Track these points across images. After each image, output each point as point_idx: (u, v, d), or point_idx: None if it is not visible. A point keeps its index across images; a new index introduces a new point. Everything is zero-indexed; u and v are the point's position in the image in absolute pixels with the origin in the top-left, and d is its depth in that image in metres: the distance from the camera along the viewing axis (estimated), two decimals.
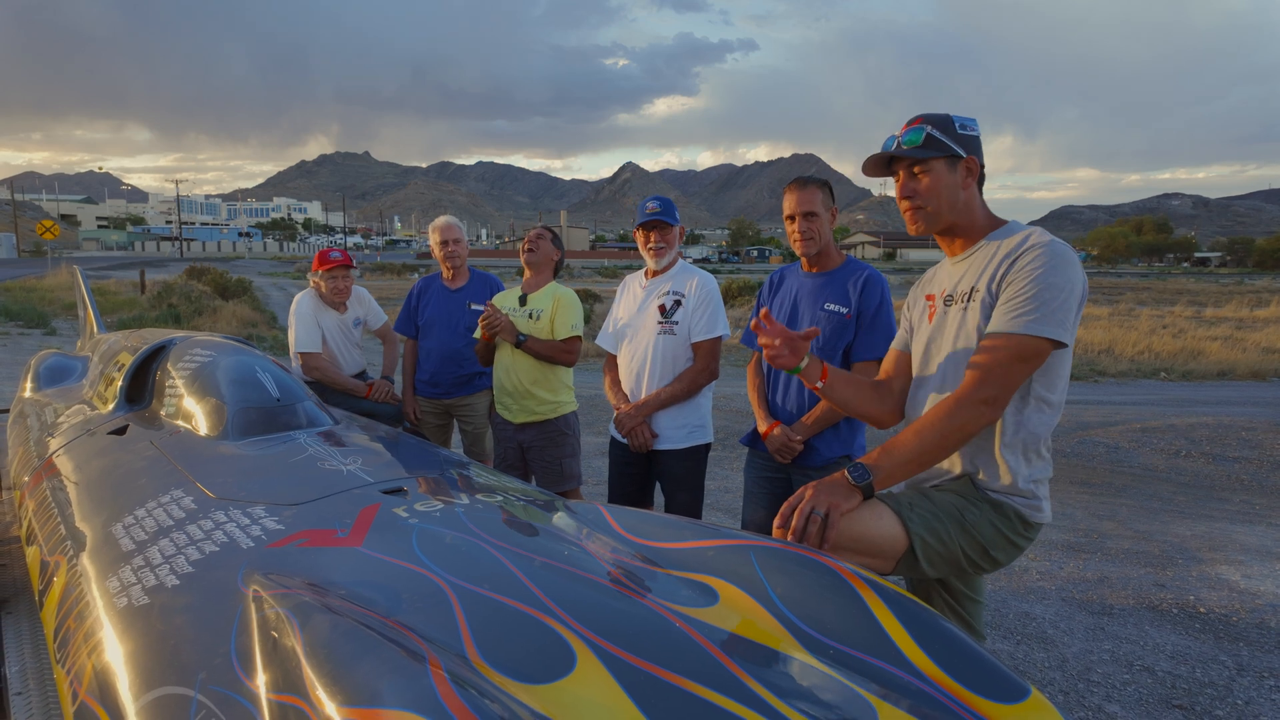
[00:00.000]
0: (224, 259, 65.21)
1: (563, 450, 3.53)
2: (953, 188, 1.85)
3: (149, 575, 1.72)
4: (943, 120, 1.84)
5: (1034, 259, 1.74)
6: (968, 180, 1.86)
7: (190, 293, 20.39)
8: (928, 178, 1.86)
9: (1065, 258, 1.74)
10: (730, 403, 8.74)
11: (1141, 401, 10.53)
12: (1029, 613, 3.72)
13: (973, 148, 1.86)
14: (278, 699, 1.21)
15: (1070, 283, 1.72)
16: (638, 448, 3.12)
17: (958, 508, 1.82)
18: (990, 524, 1.81)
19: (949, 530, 1.78)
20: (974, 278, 1.86)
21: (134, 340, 3.66)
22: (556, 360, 3.49)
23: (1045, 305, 1.69)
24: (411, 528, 1.77)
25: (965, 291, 1.88)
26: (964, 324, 1.87)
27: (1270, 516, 5.61)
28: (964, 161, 1.84)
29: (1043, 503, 1.86)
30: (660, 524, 1.85)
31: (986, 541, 1.81)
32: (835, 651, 1.36)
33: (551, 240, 3.66)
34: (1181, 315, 22.49)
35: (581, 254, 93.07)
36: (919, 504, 1.81)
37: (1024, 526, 1.84)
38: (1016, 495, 1.83)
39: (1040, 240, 1.77)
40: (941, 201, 1.86)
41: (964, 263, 1.92)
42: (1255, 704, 2.96)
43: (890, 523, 1.74)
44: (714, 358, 3.12)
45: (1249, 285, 42.29)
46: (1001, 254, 1.81)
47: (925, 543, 1.75)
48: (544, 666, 1.25)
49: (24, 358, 8.19)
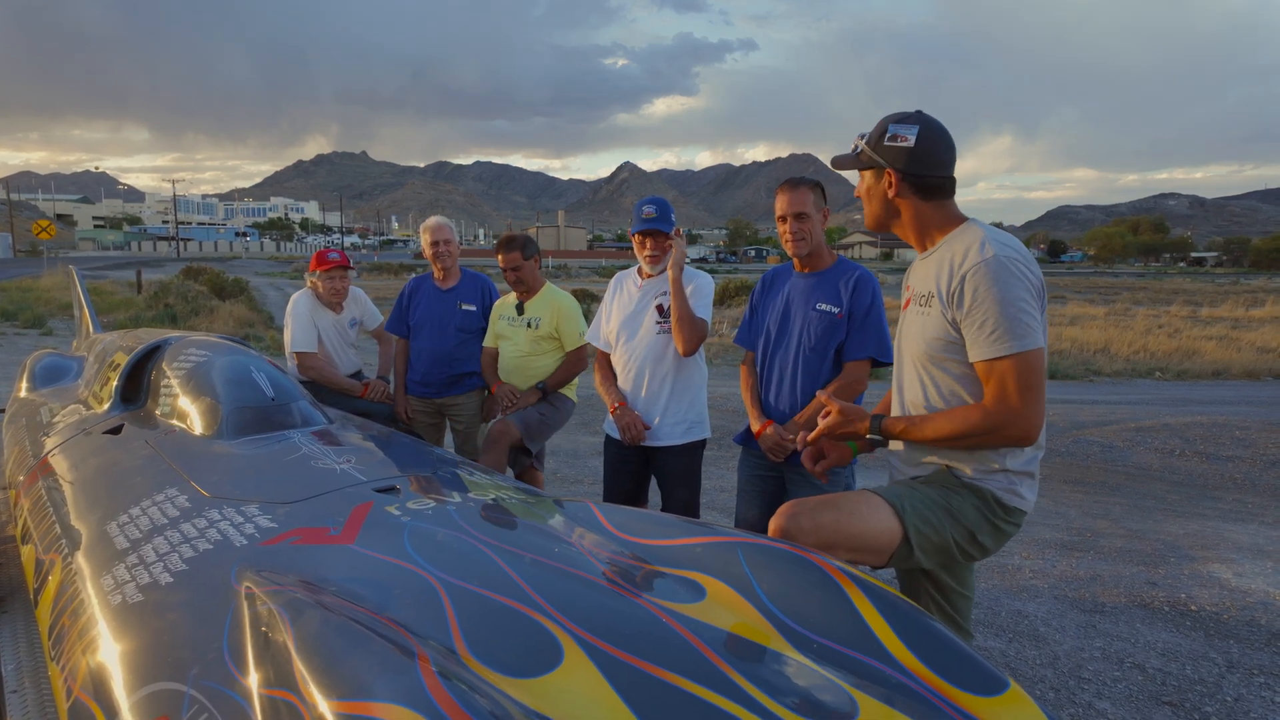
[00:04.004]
0: (221, 259, 65.15)
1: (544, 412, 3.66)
2: (879, 194, 1.95)
3: (143, 573, 1.73)
4: (878, 131, 1.92)
5: (981, 281, 1.78)
6: (892, 189, 1.92)
7: (187, 293, 20.38)
8: (861, 185, 2.00)
9: (1006, 267, 1.77)
10: (725, 402, 8.76)
11: (1136, 401, 10.57)
12: (1021, 610, 3.74)
13: (897, 157, 1.89)
14: (269, 694, 1.22)
15: (1020, 290, 1.76)
16: (630, 440, 3.14)
17: (943, 496, 1.89)
18: (974, 508, 1.88)
19: (940, 519, 1.85)
20: (932, 281, 1.92)
21: (129, 340, 3.67)
22: (575, 375, 3.74)
23: (1012, 322, 1.75)
24: (403, 525, 1.78)
25: (924, 294, 1.95)
26: (923, 328, 1.94)
27: (1262, 515, 5.64)
28: (885, 171, 1.92)
29: (1020, 488, 1.91)
30: (650, 521, 1.87)
31: (973, 526, 1.88)
32: (820, 646, 1.38)
33: (523, 250, 3.73)
34: (1177, 315, 22.56)
35: (579, 254, 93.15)
36: (910, 495, 1.87)
37: (1004, 511, 1.90)
38: (992, 478, 1.89)
39: (978, 259, 1.80)
40: (870, 205, 1.97)
41: (926, 262, 1.99)
42: (1245, 701, 2.98)
43: (886, 515, 1.81)
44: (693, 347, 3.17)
45: (1245, 285, 42.42)
46: (949, 263, 1.86)
47: (920, 532, 1.82)
48: (531, 661, 1.27)
49: (20, 358, 8.20)
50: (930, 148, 1.88)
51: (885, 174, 1.92)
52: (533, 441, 3.61)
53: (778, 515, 1.83)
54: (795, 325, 2.76)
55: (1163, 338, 16.72)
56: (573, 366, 3.75)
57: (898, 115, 1.92)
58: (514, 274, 3.74)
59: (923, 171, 1.89)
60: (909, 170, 1.88)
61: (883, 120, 1.93)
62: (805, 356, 2.71)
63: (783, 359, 2.78)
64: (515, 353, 3.75)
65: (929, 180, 1.90)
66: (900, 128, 1.88)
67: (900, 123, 1.89)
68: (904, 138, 1.88)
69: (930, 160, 1.89)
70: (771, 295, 2.90)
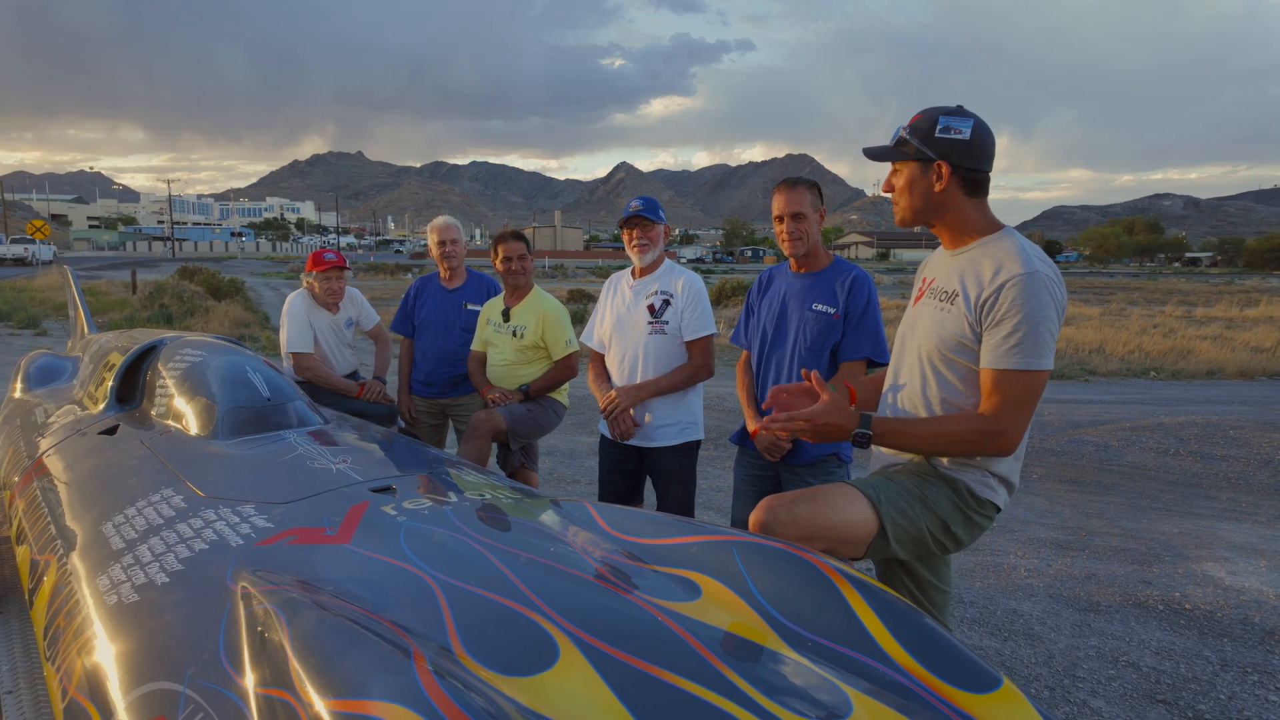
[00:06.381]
0: (216, 259, 64.95)
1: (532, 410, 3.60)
2: (923, 189, 1.89)
3: (139, 573, 1.73)
4: (926, 122, 1.86)
5: (1018, 294, 1.77)
6: (941, 183, 1.88)
7: (182, 293, 20.32)
8: (899, 178, 1.93)
9: (1045, 285, 1.78)
10: (721, 402, 8.77)
11: (1131, 400, 10.60)
12: (1016, 609, 3.75)
13: (951, 151, 1.86)
14: (265, 693, 1.23)
15: (1052, 310, 1.78)
16: (619, 435, 3.15)
17: (918, 486, 1.91)
18: (948, 499, 1.90)
19: (915, 509, 1.87)
20: (958, 281, 1.90)
21: (125, 340, 3.66)
22: (563, 382, 3.64)
23: (1037, 340, 1.76)
24: (399, 525, 1.79)
25: (948, 291, 1.92)
26: (941, 324, 1.92)
27: (1256, 514, 5.66)
28: (935, 164, 1.87)
29: (991, 479, 1.92)
30: (646, 521, 1.87)
31: (947, 517, 1.90)
32: (814, 644, 1.39)
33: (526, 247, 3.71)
34: (1172, 315, 22.63)
35: (575, 254, 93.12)
36: (885, 486, 1.89)
37: (976, 502, 1.91)
38: (966, 471, 1.91)
39: (1020, 270, 1.79)
40: (909, 201, 1.91)
41: (954, 259, 1.96)
42: (1238, 699, 3.00)
43: (863, 507, 1.83)
44: (709, 354, 3.16)
45: (1239, 285, 42.56)
46: (986, 270, 1.84)
47: (895, 523, 1.84)
48: (527, 660, 1.28)
49: (14, 358, 8.18)
50: (983, 142, 1.87)
51: (934, 167, 1.87)
52: (518, 437, 3.54)
53: (757, 509, 1.85)
54: (791, 325, 2.77)
55: (1157, 338, 16.77)
56: (560, 373, 3.65)
57: (943, 109, 1.88)
58: (519, 263, 3.63)
59: (975, 166, 1.87)
60: (962, 164, 1.86)
61: (929, 112, 1.88)
62: (801, 356, 2.72)
63: (779, 359, 2.78)
64: (501, 360, 3.67)
65: (978, 176, 1.89)
66: (954, 120, 1.85)
67: (952, 116, 1.86)
68: (959, 130, 1.85)
69: (981, 155, 1.88)
70: (768, 295, 2.91)
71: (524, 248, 3.68)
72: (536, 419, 3.61)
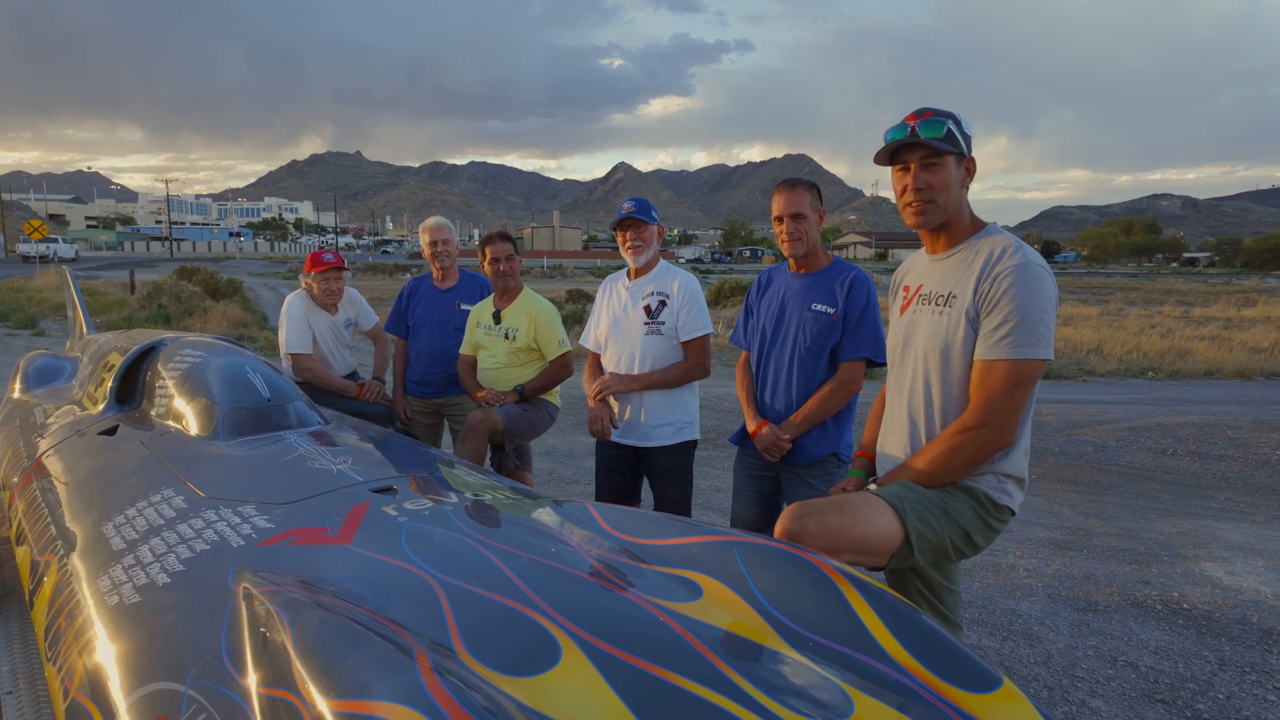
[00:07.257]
0: (214, 259, 64.83)
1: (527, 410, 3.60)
2: (956, 185, 1.90)
3: (140, 574, 1.73)
4: (955, 118, 1.88)
5: (1011, 282, 1.79)
6: (966, 180, 1.91)
7: (180, 293, 20.28)
8: (941, 172, 1.86)
9: (1038, 276, 1.79)
10: (720, 402, 8.77)
11: (1129, 400, 10.61)
12: (1015, 609, 3.76)
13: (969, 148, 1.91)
14: (268, 693, 1.23)
15: (1047, 300, 1.79)
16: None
17: (940, 496, 1.91)
18: (969, 508, 1.91)
19: (938, 519, 1.87)
20: (953, 282, 1.90)
21: (124, 341, 3.66)
22: (559, 382, 3.63)
23: (1032, 328, 1.76)
24: (400, 526, 1.79)
25: (943, 294, 1.93)
26: (942, 328, 1.92)
27: (1254, 514, 5.67)
28: (966, 161, 1.90)
29: (1008, 483, 1.93)
30: (646, 521, 1.87)
31: (969, 526, 1.90)
32: (815, 644, 1.39)
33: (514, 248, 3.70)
34: (1170, 315, 22.64)
35: (574, 254, 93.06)
36: (909, 497, 1.89)
37: (995, 509, 1.92)
38: (983, 479, 1.92)
39: (1013, 262, 1.81)
40: (948, 197, 1.89)
41: (943, 262, 1.96)
42: (1236, 698, 3.00)
43: (889, 519, 1.83)
44: (706, 354, 3.18)
45: (1236, 285, 42.60)
46: (979, 264, 1.86)
47: (920, 534, 1.84)
48: (529, 660, 1.28)
49: (12, 359, 8.17)
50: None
51: (963, 163, 1.89)
52: (513, 437, 3.54)
53: (783, 518, 1.83)
54: (791, 326, 2.77)
55: (1155, 338, 16.78)
56: (555, 374, 3.63)
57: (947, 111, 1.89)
58: (507, 264, 3.61)
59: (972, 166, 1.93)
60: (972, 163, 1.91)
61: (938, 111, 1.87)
62: (801, 357, 2.73)
63: (778, 359, 2.79)
64: (493, 363, 3.65)
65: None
66: (961, 121, 1.87)
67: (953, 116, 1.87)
68: (969, 130, 1.89)
69: None
70: (767, 295, 2.91)
71: (511, 248, 3.67)
72: (531, 419, 3.62)
